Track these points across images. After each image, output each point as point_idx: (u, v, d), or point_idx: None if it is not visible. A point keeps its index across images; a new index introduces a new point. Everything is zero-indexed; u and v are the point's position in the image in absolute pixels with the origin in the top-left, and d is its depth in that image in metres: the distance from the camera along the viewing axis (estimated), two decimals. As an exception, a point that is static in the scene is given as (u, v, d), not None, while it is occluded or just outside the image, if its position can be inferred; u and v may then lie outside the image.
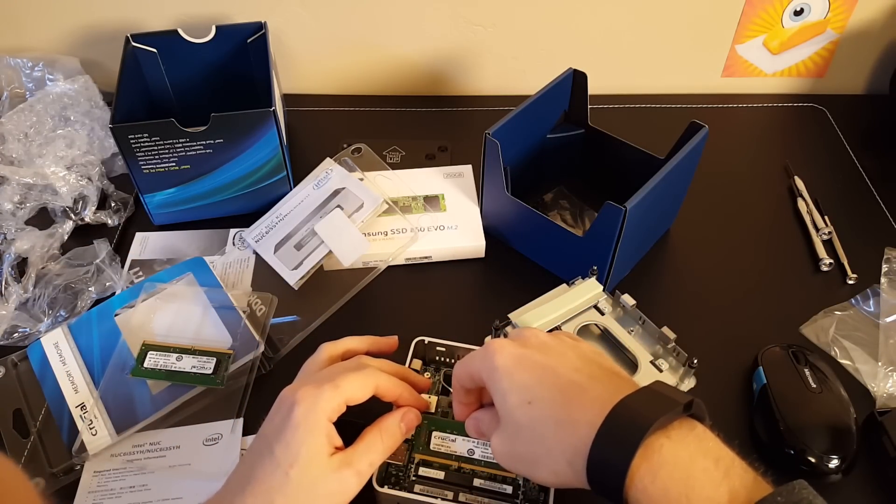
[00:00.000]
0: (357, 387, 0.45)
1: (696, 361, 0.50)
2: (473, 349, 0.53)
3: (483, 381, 0.43)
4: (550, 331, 0.52)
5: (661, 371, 0.51)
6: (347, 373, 0.45)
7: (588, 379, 0.40)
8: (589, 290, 0.55)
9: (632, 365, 0.51)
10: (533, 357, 0.41)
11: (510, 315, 0.53)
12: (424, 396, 0.51)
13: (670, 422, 0.37)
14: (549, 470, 0.39)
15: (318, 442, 0.42)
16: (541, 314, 0.53)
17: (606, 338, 0.53)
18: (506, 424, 0.41)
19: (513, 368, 0.41)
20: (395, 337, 0.53)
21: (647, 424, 0.35)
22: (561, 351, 0.42)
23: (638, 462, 0.35)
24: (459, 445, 0.49)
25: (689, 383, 0.50)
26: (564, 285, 0.56)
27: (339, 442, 0.44)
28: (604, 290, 0.55)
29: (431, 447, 0.50)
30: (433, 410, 0.52)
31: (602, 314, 0.54)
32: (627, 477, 0.35)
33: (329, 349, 0.50)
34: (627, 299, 0.54)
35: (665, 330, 0.52)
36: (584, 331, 0.54)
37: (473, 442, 0.49)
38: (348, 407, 0.44)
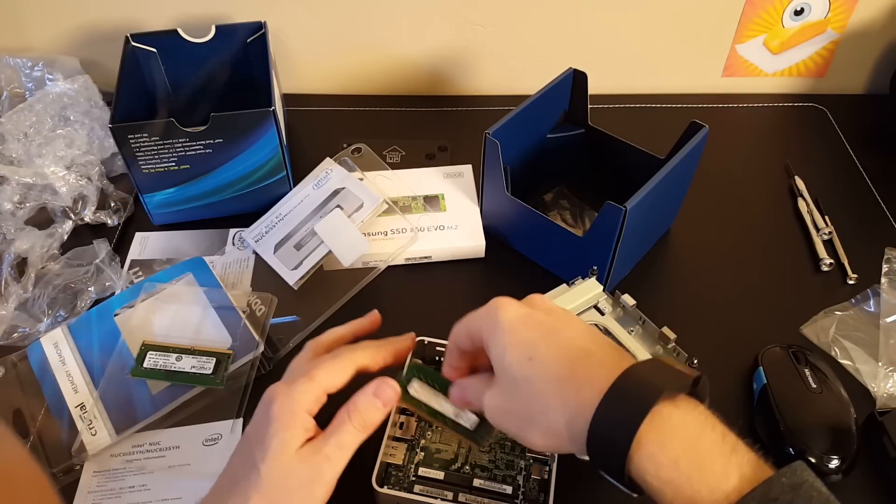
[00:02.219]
0: (332, 374, 0.44)
1: (696, 361, 0.50)
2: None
3: (482, 339, 0.42)
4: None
5: (661, 371, 0.51)
6: (322, 363, 0.45)
7: (593, 345, 0.40)
8: (589, 290, 0.55)
9: (632, 365, 0.51)
10: (538, 317, 0.41)
11: (510, 315, 0.53)
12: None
13: (676, 395, 0.37)
14: (543, 428, 0.39)
15: (290, 435, 0.41)
16: (541, 314, 0.53)
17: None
18: (502, 380, 0.41)
19: (517, 325, 0.41)
20: (376, 312, 0.53)
21: (659, 390, 0.35)
22: (567, 318, 0.42)
23: (646, 428, 0.35)
24: (446, 407, 0.48)
25: (689, 383, 0.50)
26: (564, 285, 0.56)
27: (314, 432, 0.43)
28: (604, 291, 0.55)
29: (411, 393, 0.48)
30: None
31: (602, 314, 0.54)
32: (634, 441, 0.35)
33: (313, 346, 0.49)
34: (627, 299, 0.54)
35: (665, 330, 0.52)
36: (584, 331, 0.54)
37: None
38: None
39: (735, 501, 0.33)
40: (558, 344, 0.40)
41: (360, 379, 0.46)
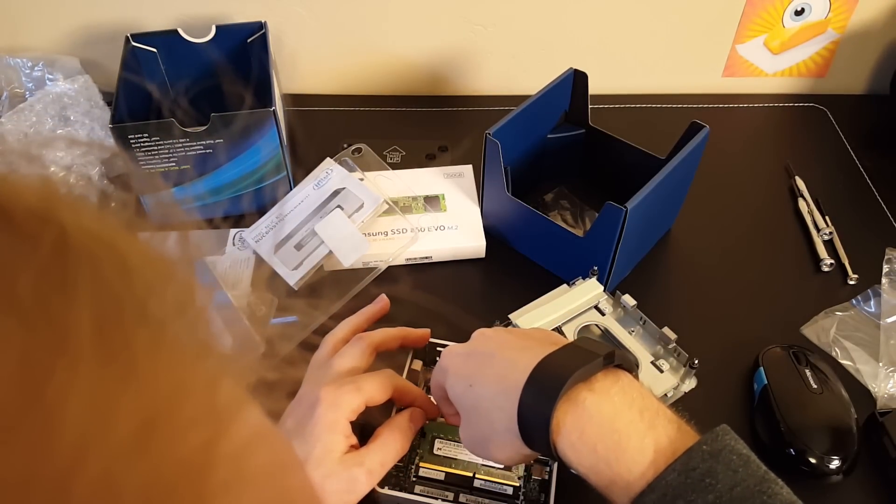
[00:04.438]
0: (378, 388, 0.46)
1: (696, 362, 0.50)
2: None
3: (445, 389, 0.44)
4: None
5: (661, 371, 0.51)
6: (368, 375, 0.47)
7: (520, 352, 0.41)
8: (589, 290, 0.55)
9: (632, 365, 0.51)
10: (476, 351, 0.43)
11: (510, 315, 0.53)
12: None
13: (593, 374, 0.38)
14: (498, 445, 0.40)
15: (334, 440, 0.43)
16: (541, 314, 0.53)
17: (607, 338, 0.53)
18: (461, 414, 0.43)
19: (459, 365, 0.43)
20: (383, 295, 0.55)
21: (567, 375, 0.36)
22: (503, 339, 0.43)
23: (562, 416, 0.36)
24: (466, 453, 0.49)
25: (689, 384, 0.50)
26: (565, 285, 0.56)
27: (354, 441, 0.45)
28: (604, 291, 0.55)
29: (435, 452, 0.50)
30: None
31: (603, 315, 0.54)
32: (553, 431, 0.36)
33: (332, 340, 0.51)
34: (628, 300, 0.54)
35: (666, 330, 0.52)
36: (584, 331, 0.54)
37: None
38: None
39: (652, 477, 0.34)
40: (492, 365, 0.41)
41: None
